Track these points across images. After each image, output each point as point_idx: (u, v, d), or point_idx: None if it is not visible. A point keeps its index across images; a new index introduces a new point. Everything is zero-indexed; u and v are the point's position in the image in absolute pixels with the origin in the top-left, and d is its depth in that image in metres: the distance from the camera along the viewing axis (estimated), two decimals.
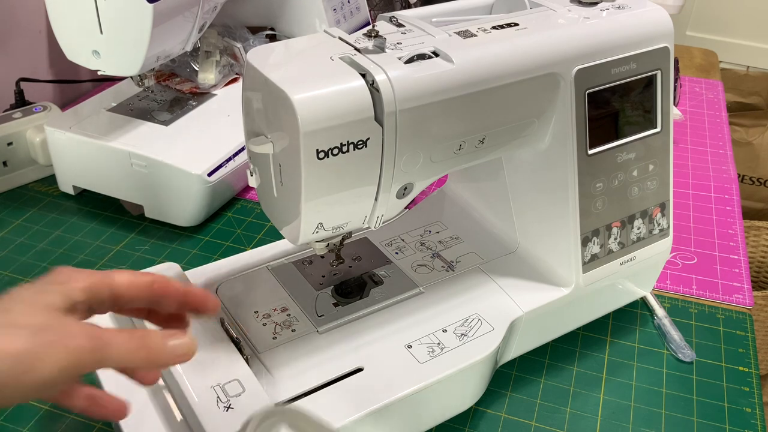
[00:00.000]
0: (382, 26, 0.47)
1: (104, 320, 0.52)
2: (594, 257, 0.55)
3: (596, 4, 0.52)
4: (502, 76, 0.45)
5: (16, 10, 0.90)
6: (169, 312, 0.40)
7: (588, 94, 0.50)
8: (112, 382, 0.48)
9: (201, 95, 0.84)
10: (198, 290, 0.41)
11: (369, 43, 0.44)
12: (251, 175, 0.47)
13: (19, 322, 0.32)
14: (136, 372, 0.38)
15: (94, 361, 0.33)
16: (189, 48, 0.76)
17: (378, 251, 0.59)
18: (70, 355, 0.32)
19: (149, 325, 0.42)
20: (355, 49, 0.43)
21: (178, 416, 0.45)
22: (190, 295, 0.40)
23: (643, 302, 0.65)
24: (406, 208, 0.53)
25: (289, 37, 0.74)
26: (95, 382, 0.49)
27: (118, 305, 0.38)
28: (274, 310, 0.53)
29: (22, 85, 0.87)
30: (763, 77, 1.72)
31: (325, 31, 0.46)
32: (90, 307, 0.36)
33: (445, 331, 0.51)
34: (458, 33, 0.46)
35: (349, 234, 0.50)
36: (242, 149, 0.75)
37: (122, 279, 0.38)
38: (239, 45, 0.88)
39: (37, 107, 0.82)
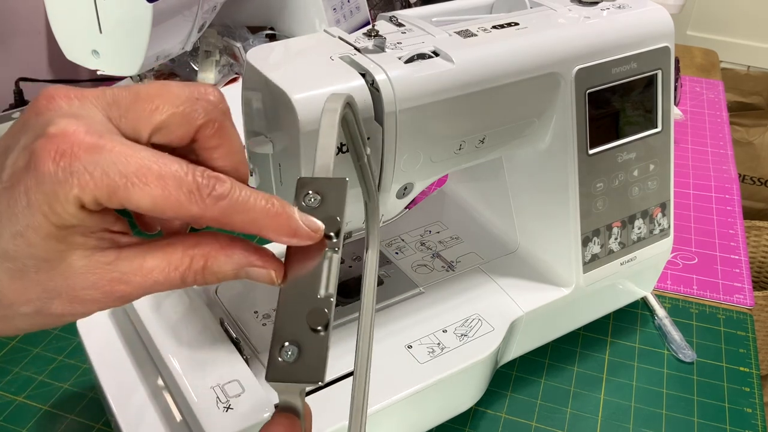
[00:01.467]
0: (382, 26, 0.47)
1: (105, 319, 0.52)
2: (594, 257, 0.54)
3: (596, 3, 0.52)
4: (502, 75, 0.45)
5: (16, 10, 0.90)
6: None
7: (588, 93, 0.50)
8: (112, 382, 0.48)
9: None
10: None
11: (369, 43, 0.44)
12: (251, 175, 0.47)
13: None
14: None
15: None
16: (189, 48, 0.76)
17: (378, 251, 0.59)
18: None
19: None
20: (355, 48, 0.43)
21: (178, 416, 0.45)
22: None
23: (643, 302, 0.65)
24: (406, 208, 0.53)
25: (289, 37, 0.74)
26: (95, 384, 0.49)
27: None
28: (274, 310, 0.53)
29: (22, 85, 0.86)
30: (763, 77, 1.73)
31: (325, 31, 0.46)
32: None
33: (445, 331, 0.51)
34: (458, 33, 0.46)
35: (349, 234, 0.50)
36: None
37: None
38: (239, 45, 0.88)
39: None
